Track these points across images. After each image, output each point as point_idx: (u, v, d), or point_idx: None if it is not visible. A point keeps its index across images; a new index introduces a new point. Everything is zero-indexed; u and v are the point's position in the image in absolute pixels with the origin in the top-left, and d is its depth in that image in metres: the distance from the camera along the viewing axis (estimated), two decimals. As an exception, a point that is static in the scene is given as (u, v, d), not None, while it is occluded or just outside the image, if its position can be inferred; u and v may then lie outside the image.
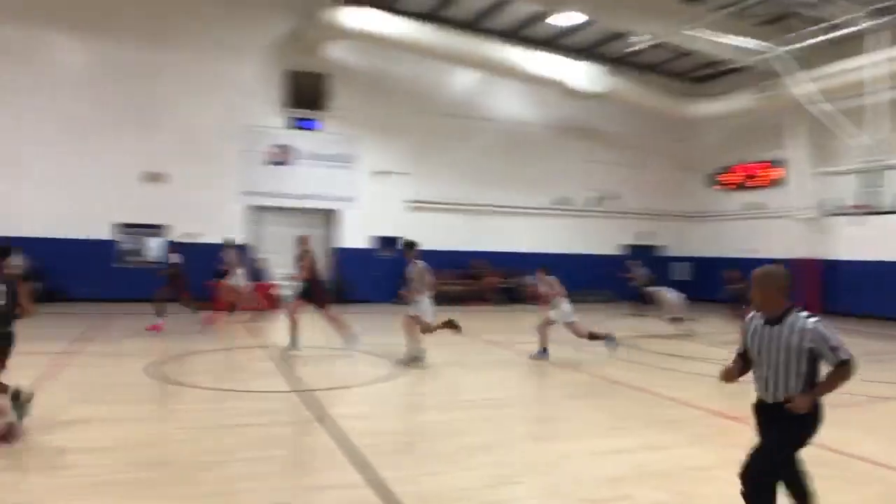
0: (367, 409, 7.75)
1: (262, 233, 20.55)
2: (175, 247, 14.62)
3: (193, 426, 6.61)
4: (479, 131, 22.93)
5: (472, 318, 12.05)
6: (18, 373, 8.30)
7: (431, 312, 10.38)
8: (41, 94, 17.89)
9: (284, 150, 20.53)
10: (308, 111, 20.77)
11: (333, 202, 21.18)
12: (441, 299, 12.31)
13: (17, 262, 14.97)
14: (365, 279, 20.54)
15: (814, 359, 3.66)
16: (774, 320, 3.74)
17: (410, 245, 10.67)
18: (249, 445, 5.94)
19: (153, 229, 19.07)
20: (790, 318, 3.69)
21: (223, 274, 14.97)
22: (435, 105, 22.23)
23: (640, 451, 5.98)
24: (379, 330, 13.83)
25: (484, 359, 11.28)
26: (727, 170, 25.03)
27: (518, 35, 22.12)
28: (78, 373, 8.98)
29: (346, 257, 21.13)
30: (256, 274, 18.22)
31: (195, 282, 14.51)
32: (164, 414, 7.09)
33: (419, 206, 21.88)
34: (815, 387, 3.68)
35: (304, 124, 20.83)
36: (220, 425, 6.64)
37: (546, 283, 11.36)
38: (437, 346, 10.90)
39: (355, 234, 21.21)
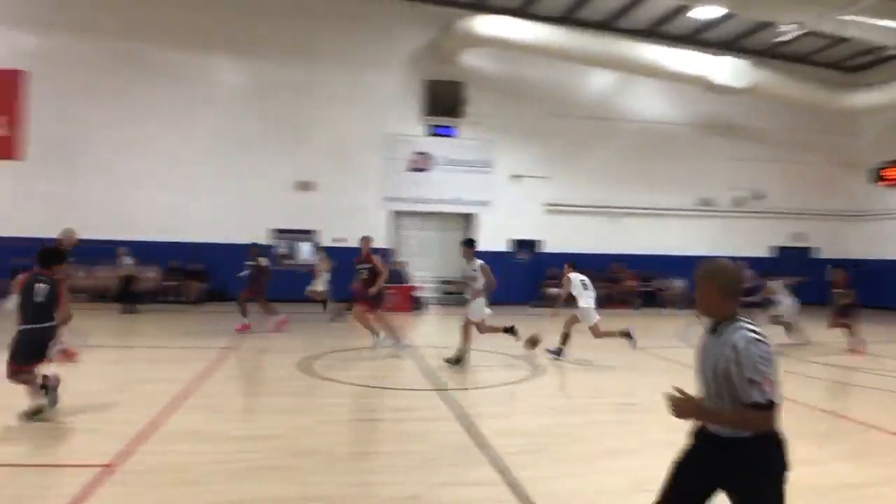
0: (504, 409, 7.83)
1: (403, 237, 21.35)
2: (261, 250, 15.00)
3: (339, 419, 6.98)
4: (618, 132, 22.43)
5: (611, 322, 11.77)
6: (189, 366, 9.17)
7: (485, 313, 10.40)
8: (205, 112, 19.69)
9: (424, 156, 21.18)
10: (446, 118, 21.28)
11: (471, 206, 21.53)
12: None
13: (128, 262, 16.71)
14: (502, 282, 20.67)
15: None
16: (713, 329, 2.99)
17: (469, 243, 10.80)
18: (389, 440, 6.20)
19: (304, 234, 20.35)
20: (729, 328, 2.89)
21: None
22: (571, 107, 22.02)
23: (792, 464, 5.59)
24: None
25: (621, 361, 11.01)
26: (894, 164, 22.79)
27: (655, 32, 21.45)
28: (237, 367, 9.74)
29: (484, 260, 21.31)
30: (398, 276, 18.94)
31: (342, 284, 15.26)
32: (312, 406, 7.53)
33: (557, 208, 21.76)
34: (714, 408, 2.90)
35: (442, 131, 21.39)
36: (362, 419, 6.97)
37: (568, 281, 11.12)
38: (577, 349, 10.81)
39: (493, 238, 21.41)
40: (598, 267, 21.29)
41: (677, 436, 3.20)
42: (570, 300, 11.16)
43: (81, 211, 18.81)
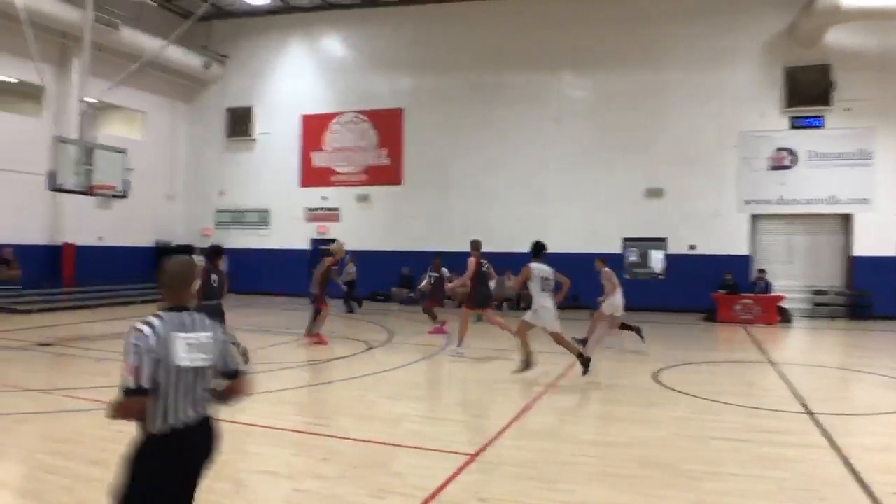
0: (888, 441, 6.67)
1: (763, 242, 19.56)
2: (443, 261, 15.60)
3: (693, 434, 6.69)
4: None
5: None
6: (545, 370, 9.66)
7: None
8: (555, 129, 20.70)
9: (786, 152, 19.14)
10: (810, 108, 18.92)
11: (846, 206, 18.73)
12: None
13: (351, 269, 18.45)
14: (886, 292, 17.65)
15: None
16: None
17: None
18: (744, 462, 5.73)
19: (655, 242, 19.98)
20: None
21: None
22: None
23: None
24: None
25: None
26: None
27: None
28: (591, 373, 9.94)
29: (864, 266, 18.42)
30: (763, 286, 17.51)
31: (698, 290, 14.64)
32: (665, 419, 7.33)
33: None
34: None
35: (806, 123, 19.06)
36: (715, 437, 6.56)
37: (605, 276, 11.18)
38: None
39: (875, 242, 18.30)
40: None
41: None
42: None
43: (451, 226, 21.34)
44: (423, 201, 21.86)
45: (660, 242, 19.94)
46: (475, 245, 12.07)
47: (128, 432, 5.99)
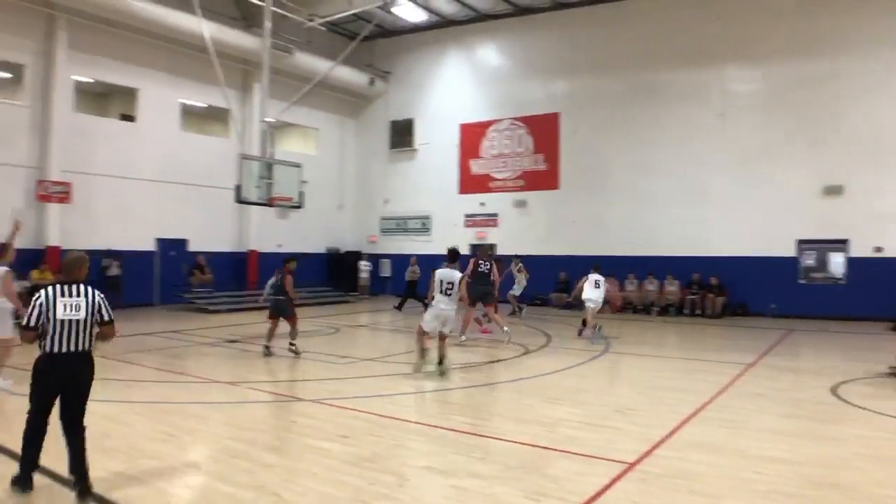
0: None
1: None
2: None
3: (873, 454, 6.10)
4: None
5: None
6: (708, 377, 9.24)
7: None
8: (718, 125, 19.60)
9: None
10: None
11: None
12: None
13: (416, 270, 19.64)
14: None
15: None
16: None
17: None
18: (944, 487, 5.14)
19: (834, 244, 18.28)
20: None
21: None
22: None
23: None
24: None
25: None
26: None
27: None
28: (758, 383, 9.36)
29: None
30: None
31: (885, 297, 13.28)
32: (844, 436, 6.75)
33: None
34: None
35: None
36: (905, 458, 5.95)
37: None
38: None
39: None
40: None
41: None
42: None
43: (608, 231, 20.94)
44: (580, 205, 21.57)
45: (840, 245, 18.18)
46: (482, 249, 14.74)
47: (302, 423, 6.48)
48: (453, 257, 10.15)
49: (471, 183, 24.20)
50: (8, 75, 18.98)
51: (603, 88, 21.47)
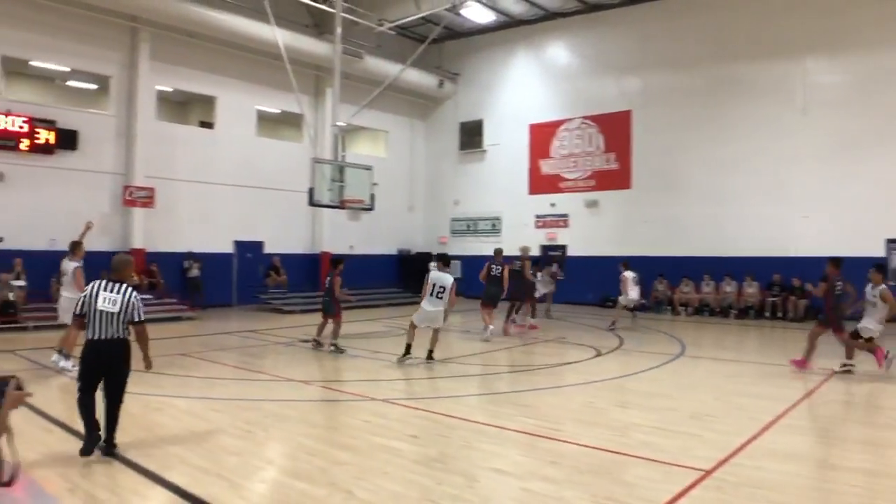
0: None
1: None
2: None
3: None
4: None
5: None
6: (791, 384, 8.86)
7: None
8: (803, 120, 18.67)
9: None
10: None
11: None
12: None
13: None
14: None
15: None
16: None
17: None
18: None
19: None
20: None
21: None
22: None
23: None
24: None
25: None
26: None
27: None
28: (844, 391, 8.92)
29: None
30: None
31: None
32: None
33: None
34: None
35: None
36: None
37: None
38: None
39: None
40: None
41: None
42: None
43: (683, 231, 20.37)
44: (654, 205, 21.04)
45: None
46: (496, 252, 14.78)
47: (374, 422, 6.57)
48: (446, 262, 11.11)
49: (541, 183, 24.00)
50: (95, 86, 20.06)
51: (677, 84, 20.88)
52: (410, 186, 26.67)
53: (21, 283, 15.18)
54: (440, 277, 10.55)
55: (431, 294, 10.44)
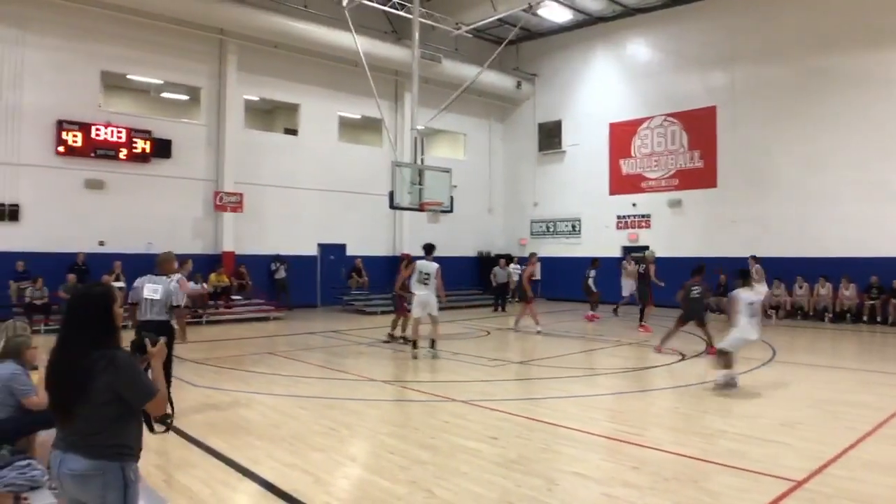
0: None
1: None
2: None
3: None
4: None
5: None
6: (892, 391, 8.34)
7: None
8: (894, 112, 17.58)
9: None
10: None
11: None
12: None
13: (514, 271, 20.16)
14: None
15: None
16: None
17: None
18: None
19: None
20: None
21: None
22: None
23: None
24: None
25: None
26: None
27: None
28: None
29: None
30: None
31: None
32: None
33: None
34: None
35: None
36: None
37: None
38: None
39: None
40: None
41: None
42: None
43: (773, 231, 19.54)
44: (742, 204, 20.25)
45: None
46: (530, 256, 16.98)
47: (454, 423, 6.65)
48: (429, 251, 12.08)
49: (622, 183, 23.54)
50: (187, 97, 21.08)
51: (766, 77, 20.02)
52: (489, 188, 26.71)
53: (121, 284, 16.12)
54: (426, 265, 11.64)
55: (419, 281, 11.55)
